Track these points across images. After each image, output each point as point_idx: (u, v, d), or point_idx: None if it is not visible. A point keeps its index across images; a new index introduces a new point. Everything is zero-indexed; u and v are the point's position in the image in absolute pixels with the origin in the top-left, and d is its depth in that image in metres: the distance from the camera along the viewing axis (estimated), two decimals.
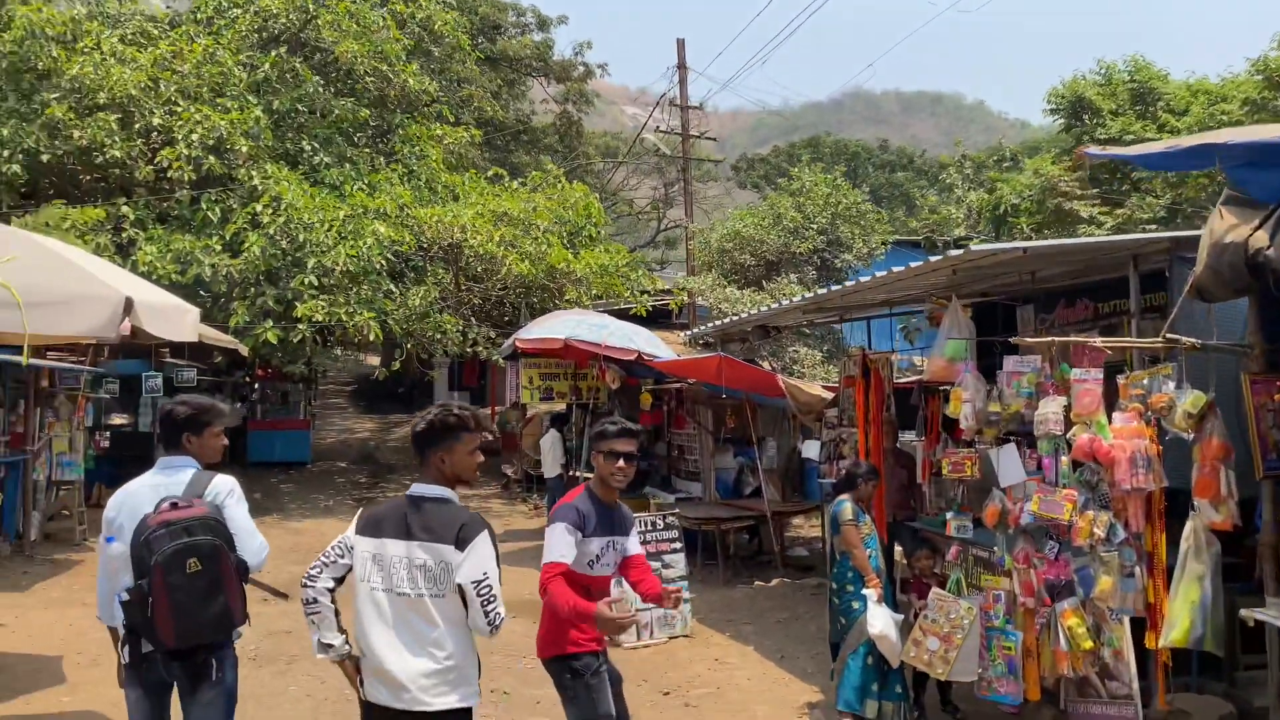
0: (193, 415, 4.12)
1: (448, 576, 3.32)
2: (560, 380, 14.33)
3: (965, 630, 5.82)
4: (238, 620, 3.89)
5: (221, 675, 3.91)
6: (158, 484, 3.97)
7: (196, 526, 3.74)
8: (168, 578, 3.64)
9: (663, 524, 8.87)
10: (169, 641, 3.72)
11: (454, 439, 3.49)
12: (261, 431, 19.68)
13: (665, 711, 6.74)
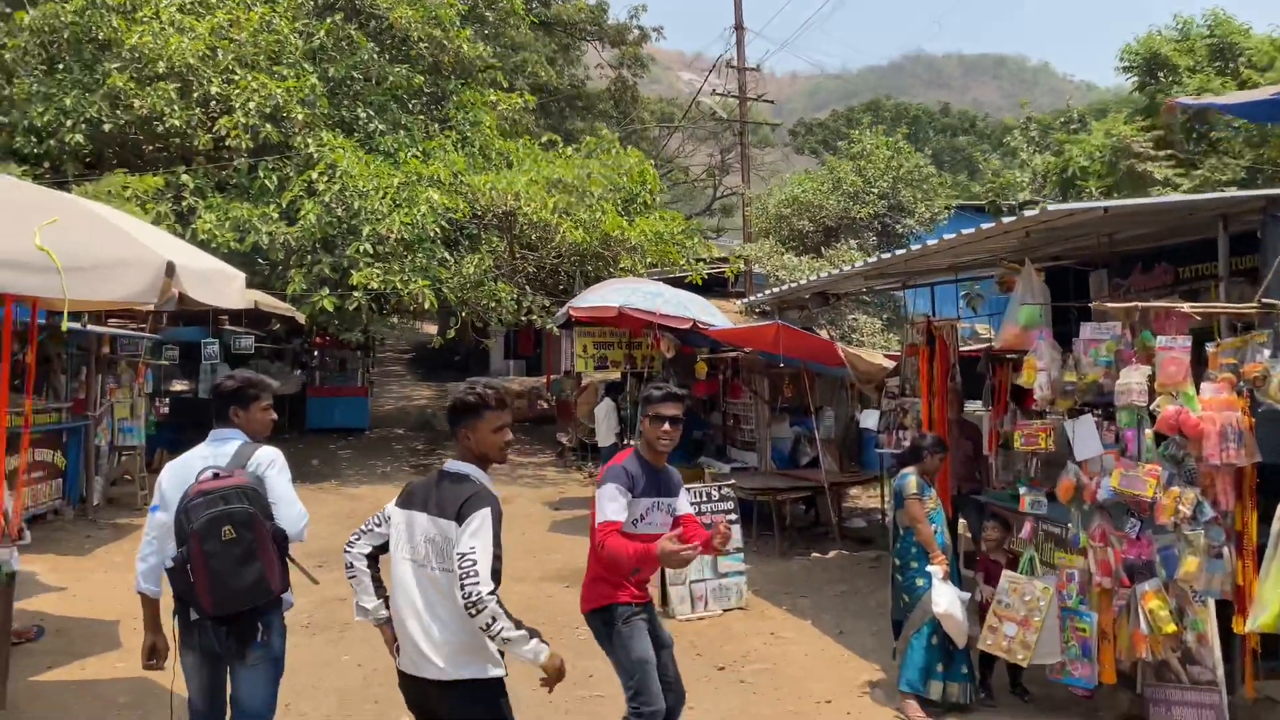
0: (239, 389, 4.18)
1: (450, 551, 3.36)
2: (615, 349, 14.12)
3: (1043, 611, 5.52)
4: (275, 587, 3.91)
5: (268, 640, 3.95)
6: (206, 455, 4.05)
7: (233, 495, 3.79)
8: (204, 545, 3.72)
9: (718, 494, 8.64)
10: (208, 608, 3.79)
11: (476, 417, 3.54)
12: (320, 399, 19.81)
13: (720, 687, 6.54)
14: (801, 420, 12.88)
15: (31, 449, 10.27)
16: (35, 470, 10.33)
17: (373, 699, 6.10)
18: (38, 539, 10.05)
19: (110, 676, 6.43)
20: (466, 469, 3.53)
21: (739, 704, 6.23)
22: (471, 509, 3.36)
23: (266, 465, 4.04)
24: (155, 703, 5.96)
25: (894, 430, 9.82)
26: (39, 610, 7.87)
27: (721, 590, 8.39)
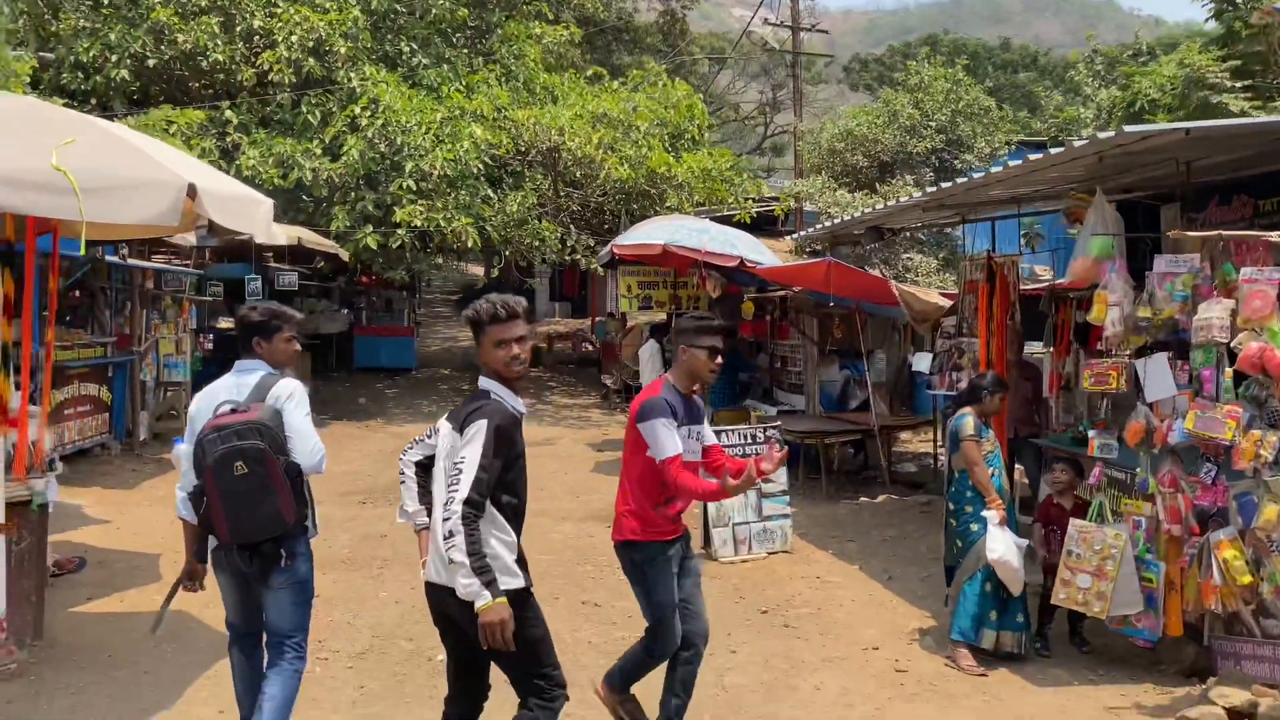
0: (262, 321, 4.21)
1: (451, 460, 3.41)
2: (659, 289, 13.82)
3: (1117, 560, 5.20)
4: (289, 519, 3.94)
5: (292, 565, 4.01)
6: (230, 386, 4.12)
7: (246, 431, 3.84)
8: (217, 479, 3.81)
9: (762, 436, 8.39)
10: (225, 538, 3.92)
11: (480, 332, 3.55)
12: (367, 338, 19.80)
13: (763, 631, 6.35)
14: (851, 363, 12.55)
15: (77, 383, 10.31)
16: (81, 404, 10.37)
17: (407, 636, 5.99)
18: (84, 473, 10.13)
19: (148, 609, 6.38)
20: (489, 385, 3.55)
21: (782, 648, 6.03)
22: (472, 419, 3.39)
23: (285, 398, 4.05)
24: (190, 635, 5.91)
25: (947, 371, 9.47)
26: (83, 542, 7.89)
27: (766, 533, 8.17)
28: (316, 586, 6.38)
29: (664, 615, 4.30)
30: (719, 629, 6.29)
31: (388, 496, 10.14)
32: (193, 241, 10.90)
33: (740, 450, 8.24)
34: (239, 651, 4.20)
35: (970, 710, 5.20)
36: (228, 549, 3.98)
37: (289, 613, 4.05)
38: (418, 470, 3.75)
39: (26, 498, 5.33)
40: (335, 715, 4.89)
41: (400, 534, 8.58)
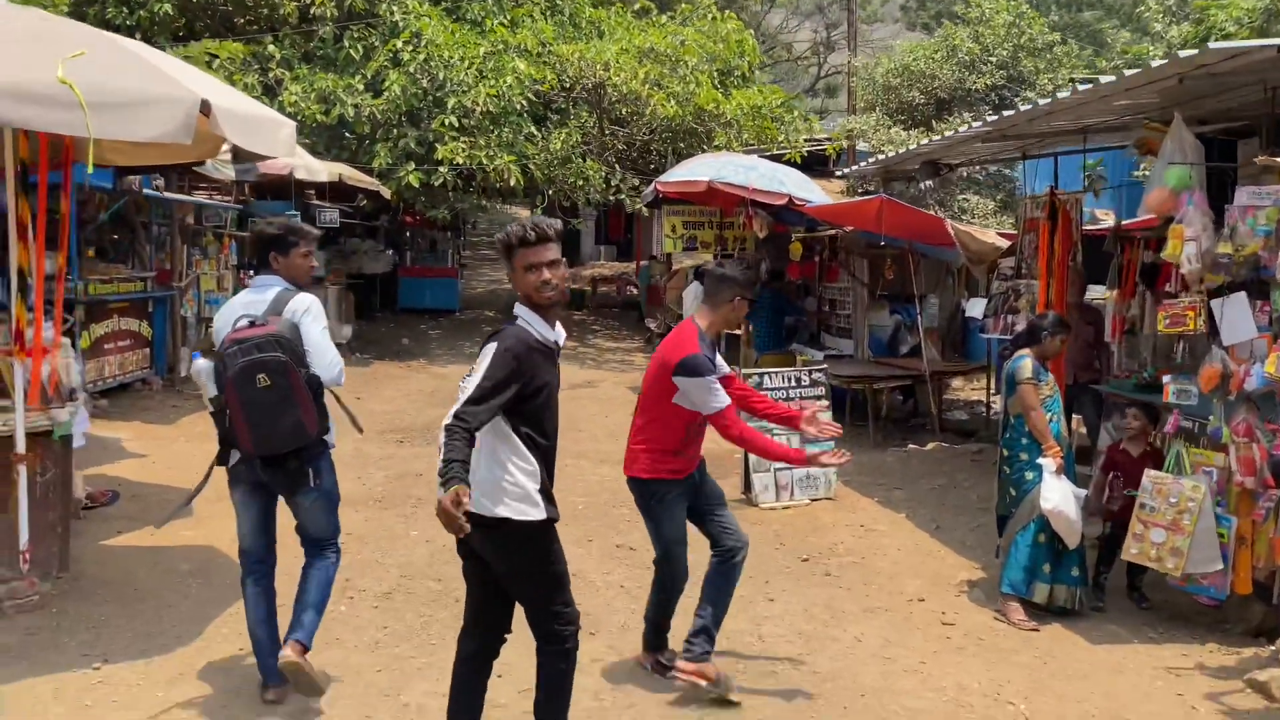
0: (279, 235, 4.23)
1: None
2: (705, 229, 13.47)
3: (1194, 513, 4.86)
4: (311, 431, 3.99)
5: (320, 481, 4.11)
6: (248, 302, 4.14)
7: (266, 343, 3.85)
8: (240, 392, 3.83)
9: (808, 379, 8.07)
10: (248, 448, 3.93)
11: (510, 256, 3.41)
12: (411, 279, 19.69)
13: (802, 579, 6.10)
14: (902, 307, 12.13)
15: (116, 317, 10.27)
16: (121, 339, 10.34)
17: (435, 576, 5.84)
18: (124, 407, 10.13)
19: (178, 544, 6.32)
20: (520, 311, 3.41)
21: (823, 598, 5.79)
22: (487, 342, 3.31)
23: (302, 312, 4.08)
24: (218, 571, 5.81)
25: (1002, 315, 9.06)
26: (118, 476, 7.85)
27: (809, 480, 7.89)
28: (347, 525, 6.31)
29: (672, 549, 4.42)
30: (757, 577, 6.08)
31: (425, 436, 10.01)
32: (232, 176, 10.76)
33: (784, 394, 7.94)
34: (253, 584, 4.21)
35: (1020, 666, 4.92)
36: (249, 463, 4.02)
37: (323, 521, 4.20)
38: None
39: (48, 428, 5.21)
40: (357, 655, 4.74)
41: (435, 473, 8.44)
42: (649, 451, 4.35)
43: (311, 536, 4.22)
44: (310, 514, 4.16)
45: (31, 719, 4.03)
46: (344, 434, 9.88)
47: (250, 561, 4.23)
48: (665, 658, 4.54)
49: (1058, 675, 4.84)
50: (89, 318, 9.76)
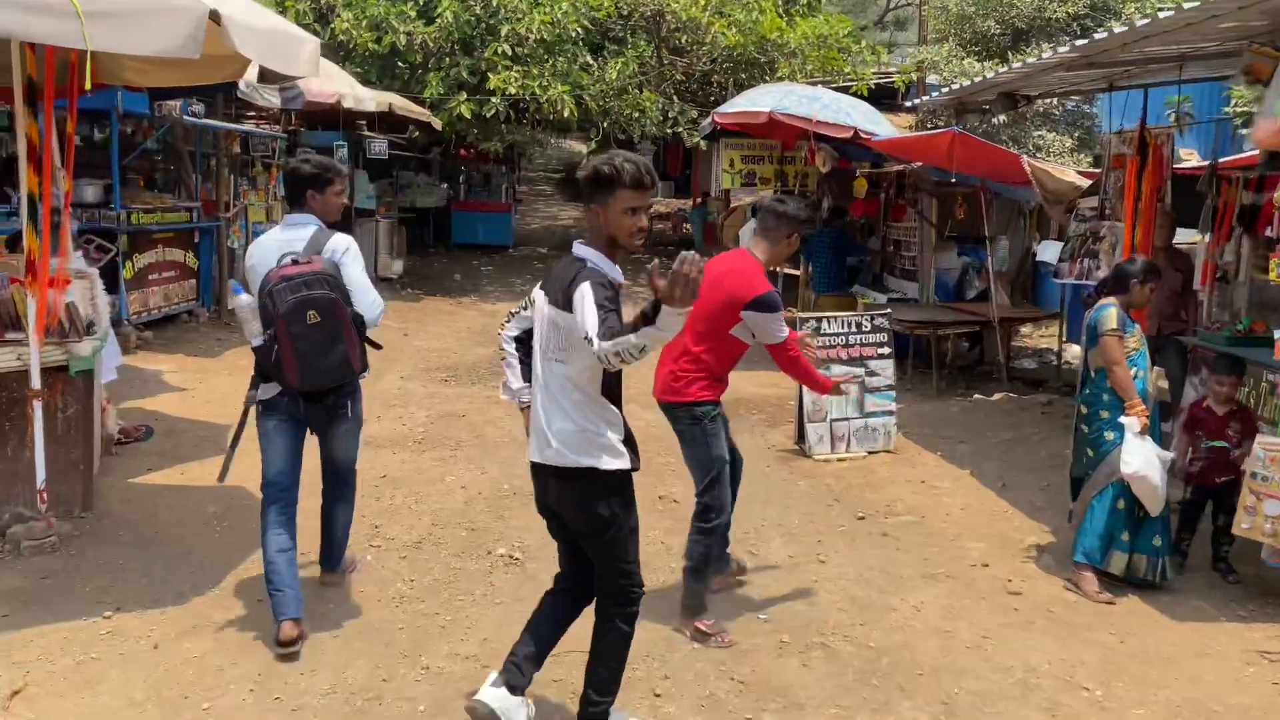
0: (317, 173, 4.17)
1: (565, 339, 3.14)
2: (764, 164, 12.87)
3: None
4: (357, 369, 4.10)
5: (354, 410, 4.28)
6: (285, 240, 4.09)
7: (314, 281, 3.88)
8: (290, 328, 3.84)
9: (869, 325, 7.57)
10: (296, 382, 3.96)
11: (609, 192, 3.12)
12: (465, 213, 19.36)
13: (858, 539, 5.70)
14: (970, 249, 11.48)
15: (161, 248, 10.08)
16: (166, 270, 10.17)
17: (468, 525, 5.55)
18: (169, 339, 9.98)
19: (207, 484, 6.08)
20: (586, 253, 3.18)
21: (878, 560, 5.38)
22: (573, 289, 3.05)
23: (342, 252, 4.08)
24: (244, 514, 5.56)
25: (1080, 258, 8.44)
26: (156, 410, 7.68)
27: (867, 431, 7.44)
28: (382, 467, 6.01)
29: (720, 469, 4.41)
30: (809, 535, 5.69)
31: (472, 375, 9.73)
32: (277, 103, 10.42)
33: (843, 340, 7.47)
34: (277, 512, 4.18)
35: (1094, 645, 4.49)
36: (286, 397, 4.07)
37: (350, 446, 4.38)
38: (518, 346, 3.55)
39: (64, 363, 4.97)
40: (378, 610, 4.46)
41: (478, 414, 8.17)
42: (706, 376, 4.39)
43: (339, 461, 4.37)
44: (341, 441, 4.31)
45: (35, 674, 3.80)
46: (387, 371, 9.65)
47: (275, 491, 4.20)
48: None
49: (1136, 656, 4.39)
50: (132, 248, 9.59)
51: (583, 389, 3.15)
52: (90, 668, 3.86)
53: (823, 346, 7.38)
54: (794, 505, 6.27)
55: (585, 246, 3.18)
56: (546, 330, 3.22)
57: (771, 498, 6.35)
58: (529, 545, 5.26)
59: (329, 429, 4.23)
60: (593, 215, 3.16)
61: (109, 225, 9.30)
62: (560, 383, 3.17)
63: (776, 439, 7.81)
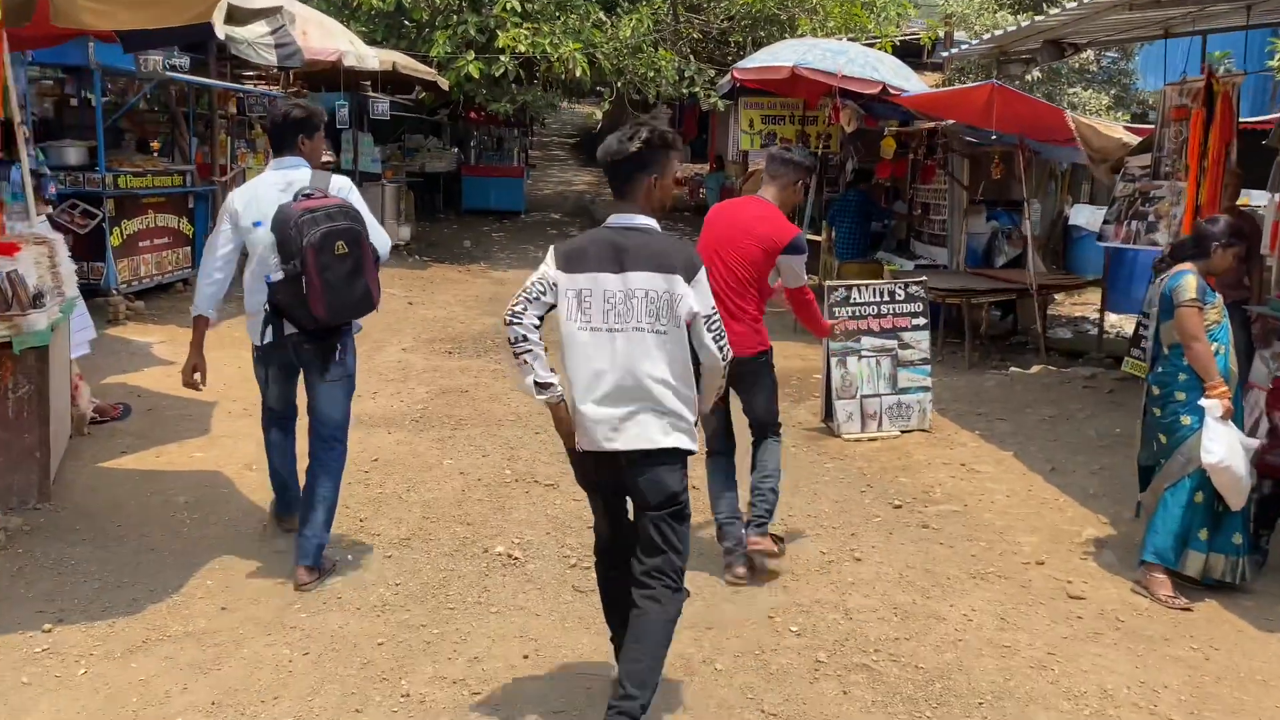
0: (307, 117, 4.13)
1: (671, 310, 2.99)
2: (785, 123, 12.10)
3: None
4: (375, 302, 4.07)
5: (343, 359, 4.12)
6: (277, 182, 4.01)
7: (338, 213, 3.86)
8: (319, 258, 3.77)
9: (902, 293, 6.89)
10: (323, 315, 3.85)
11: (666, 160, 3.09)
12: (475, 178, 18.63)
13: (895, 532, 5.08)
14: (1000, 213, 10.76)
15: (152, 213, 9.47)
16: (158, 236, 9.57)
17: (463, 519, 4.95)
18: (161, 309, 9.40)
19: (183, 468, 5.54)
20: (651, 222, 3.10)
21: (920, 557, 4.77)
22: (697, 265, 3.03)
23: (348, 191, 4.08)
24: (218, 505, 5.01)
25: (1126, 220, 7.73)
26: (138, 385, 7.11)
27: (900, 409, 6.80)
28: (374, 449, 5.44)
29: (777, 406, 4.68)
30: (841, 528, 5.09)
31: (477, 346, 9.12)
32: (272, 60, 9.75)
33: (875, 310, 6.81)
34: (277, 430, 4.40)
35: (1175, 662, 3.87)
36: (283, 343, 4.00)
37: (340, 403, 4.17)
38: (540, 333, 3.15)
39: (6, 338, 4.38)
40: (357, 620, 3.88)
41: (482, 389, 7.57)
42: (756, 326, 4.45)
43: (326, 419, 4.16)
44: (330, 392, 4.14)
45: None
46: (388, 343, 9.03)
47: (274, 417, 4.38)
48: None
49: (1225, 678, 3.77)
50: (120, 213, 8.98)
51: (675, 358, 3.02)
52: (17, 696, 3.28)
53: (852, 318, 6.73)
54: (823, 491, 5.66)
55: (640, 216, 3.07)
56: (618, 304, 2.99)
57: (799, 483, 5.74)
58: (530, 542, 4.67)
59: (320, 377, 4.09)
60: (648, 186, 3.06)
61: (93, 190, 8.69)
62: (647, 354, 2.99)
63: (801, 415, 7.17)
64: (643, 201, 3.07)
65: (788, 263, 4.47)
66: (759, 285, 4.45)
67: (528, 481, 5.52)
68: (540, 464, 5.82)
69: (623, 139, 3.05)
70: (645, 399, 2.98)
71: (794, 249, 4.41)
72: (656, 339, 2.98)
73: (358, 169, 13.15)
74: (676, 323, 2.97)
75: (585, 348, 3.01)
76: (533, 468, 5.75)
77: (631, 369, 2.97)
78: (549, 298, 3.05)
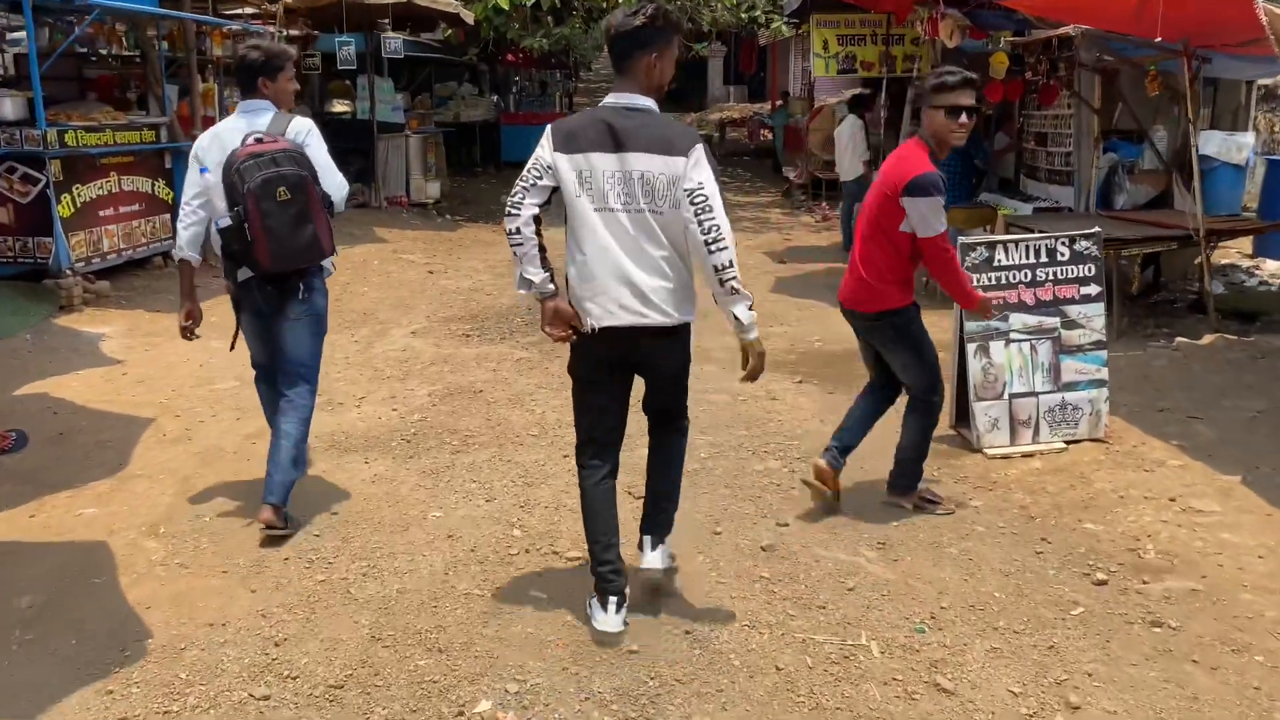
0: (267, 59, 3.83)
1: (670, 190, 2.87)
2: (865, 45, 9.98)
3: None
4: (326, 249, 3.80)
5: (309, 298, 3.84)
6: (242, 126, 3.75)
7: (282, 158, 3.63)
8: (260, 204, 3.56)
9: (1067, 251, 4.82)
10: (265, 263, 3.64)
11: (667, 42, 2.94)
12: (515, 127, 16.67)
13: (1116, 639, 3.13)
14: (1120, 142, 8.56)
15: (115, 176, 7.72)
16: (125, 203, 7.84)
17: (435, 639, 3.09)
18: (131, 291, 7.70)
19: (55, 537, 3.78)
20: (650, 102, 2.95)
21: (1174, 698, 2.81)
22: (691, 141, 2.90)
23: (305, 133, 3.81)
24: (71, 607, 3.23)
25: None
26: (62, 398, 5.41)
27: (1064, 411, 4.77)
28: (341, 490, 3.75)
29: (936, 365, 3.95)
30: (1027, 631, 3.16)
31: (501, 327, 7.28)
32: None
33: (1028, 275, 4.77)
34: (265, 385, 4.14)
35: None
36: (247, 287, 3.75)
37: (306, 343, 3.91)
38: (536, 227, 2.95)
39: None
40: None
41: (501, 388, 5.73)
42: (895, 282, 3.86)
43: (292, 357, 3.89)
44: (295, 332, 3.85)
45: None
46: (395, 324, 7.18)
47: (262, 372, 4.11)
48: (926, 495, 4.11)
49: None
50: (71, 176, 7.24)
51: (675, 241, 2.93)
52: None
53: (996, 286, 4.71)
54: (979, 551, 3.71)
55: (639, 96, 2.94)
56: (617, 184, 2.89)
57: (939, 535, 3.81)
58: (537, 690, 2.80)
59: (282, 316, 3.81)
60: (646, 65, 2.94)
61: (34, 149, 6.95)
62: (650, 235, 2.92)
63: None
64: (642, 80, 2.96)
65: (910, 206, 3.71)
66: (887, 234, 3.82)
67: (545, 552, 3.66)
68: (566, 513, 3.95)
69: (628, 14, 2.93)
70: (655, 276, 2.93)
71: (912, 189, 3.68)
72: (657, 220, 2.91)
73: (374, 118, 11.27)
74: (675, 204, 2.89)
75: (594, 226, 2.91)
76: (554, 524, 3.89)
77: (640, 247, 2.91)
78: (547, 180, 2.95)
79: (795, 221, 12.91)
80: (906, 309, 3.89)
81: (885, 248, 3.84)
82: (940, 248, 3.77)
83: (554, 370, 6.13)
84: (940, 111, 3.75)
